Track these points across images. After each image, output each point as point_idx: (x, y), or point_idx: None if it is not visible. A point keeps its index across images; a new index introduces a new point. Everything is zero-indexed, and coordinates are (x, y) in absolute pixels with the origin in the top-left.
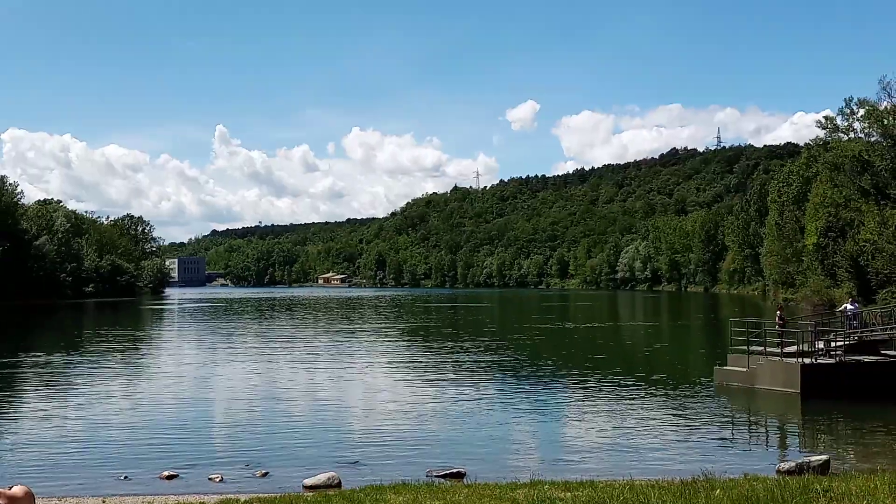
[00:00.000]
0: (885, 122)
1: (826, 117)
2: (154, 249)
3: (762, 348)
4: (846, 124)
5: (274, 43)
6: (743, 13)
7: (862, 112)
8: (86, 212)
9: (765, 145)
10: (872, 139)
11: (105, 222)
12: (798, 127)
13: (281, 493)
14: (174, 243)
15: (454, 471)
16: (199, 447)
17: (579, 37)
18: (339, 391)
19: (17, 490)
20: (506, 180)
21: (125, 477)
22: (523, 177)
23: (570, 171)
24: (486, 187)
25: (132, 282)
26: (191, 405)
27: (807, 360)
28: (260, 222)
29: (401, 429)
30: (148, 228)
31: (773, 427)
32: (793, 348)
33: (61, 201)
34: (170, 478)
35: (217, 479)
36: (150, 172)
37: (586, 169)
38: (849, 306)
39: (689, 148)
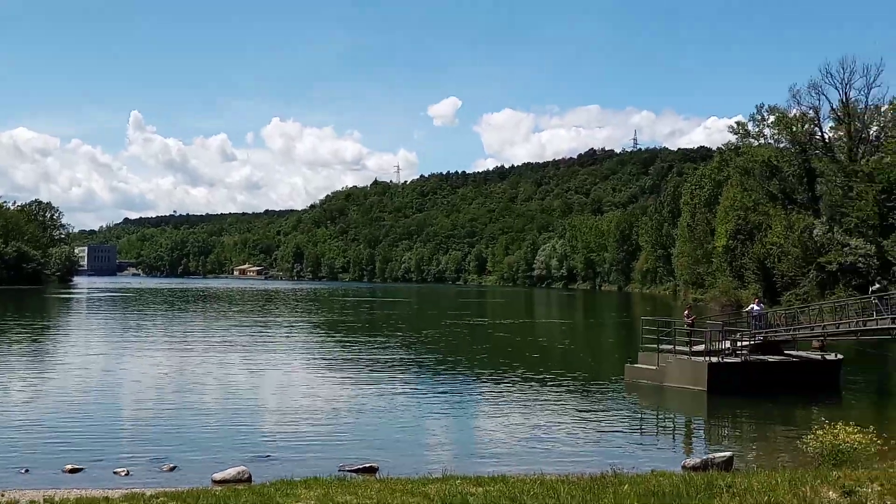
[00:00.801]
0: (794, 128)
1: (738, 123)
2: (63, 236)
3: (671, 347)
4: (757, 130)
5: (194, 29)
6: (660, 19)
7: (772, 119)
8: None
9: (679, 148)
10: (781, 145)
11: (11, 207)
12: (711, 131)
13: (189, 487)
14: (84, 231)
15: (367, 465)
16: (105, 441)
17: (502, 35)
18: (252, 385)
19: None
20: (426, 176)
21: (25, 470)
22: (443, 173)
23: (490, 169)
24: (406, 182)
25: (39, 269)
26: (96, 398)
27: (714, 359)
28: (174, 211)
29: (314, 423)
30: (57, 215)
31: (680, 424)
32: (701, 347)
33: None
34: (73, 471)
35: (123, 474)
36: (61, 157)
37: (506, 167)
38: (755, 307)
39: (606, 149)
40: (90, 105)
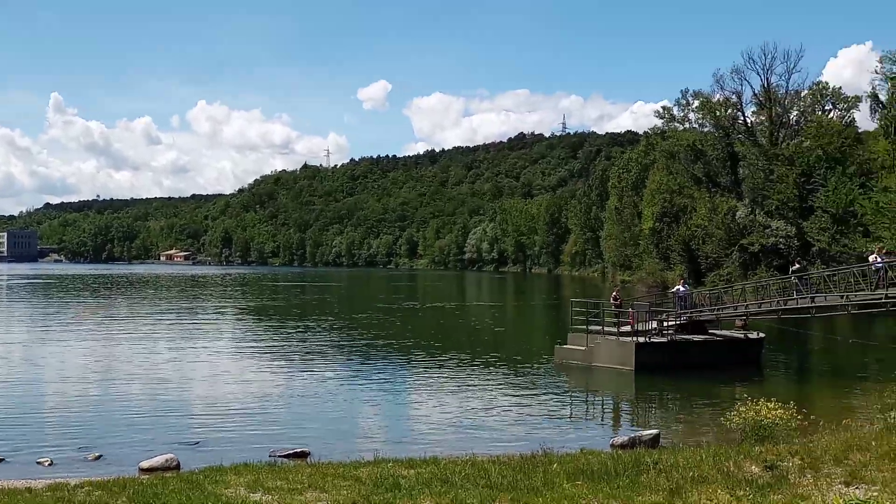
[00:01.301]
0: (718, 113)
1: (663, 107)
2: None
3: (600, 328)
4: (682, 115)
5: (115, 7)
6: (588, 4)
7: (696, 103)
8: None
9: (607, 132)
10: (706, 129)
11: None
12: (638, 116)
13: (115, 476)
14: (3, 216)
15: (298, 450)
16: (27, 429)
17: (432, 19)
18: (180, 371)
19: None
20: (357, 159)
21: None
22: (374, 156)
23: (421, 153)
24: (336, 166)
25: None
26: (18, 387)
27: (641, 339)
28: (98, 196)
29: (244, 409)
30: None
31: (609, 403)
32: (628, 327)
33: None
34: None
35: (46, 463)
36: None
37: (437, 150)
38: (680, 288)
39: (535, 133)
40: (7, 87)
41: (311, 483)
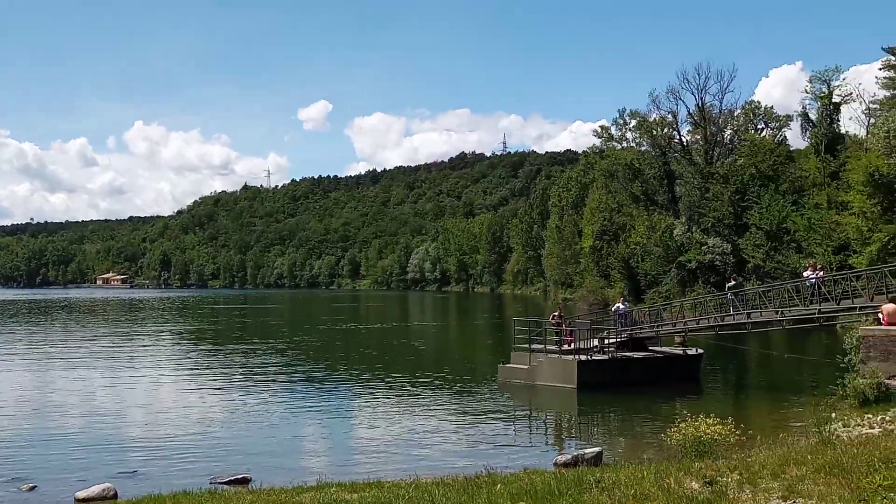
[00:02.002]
0: (654, 132)
1: (602, 127)
2: None
3: (542, 346)
4: (620, 134)
5: (49, 26)
6: (526, 25)
7: (633, 123)
8: None
9: (546, 152)
10: (643, 148)
11: None
12: (577, 135)
13: None
14: None
15: (238, 477)
16: None
17: (372, 39)
18: (117, 399)
19: None
20: (298, 180)
21: None
22: (315, 177)
23: (363, 173)
24: (277, 187)
25: None
26: None
27: (582, 357)
28: (31, 219)
29: (183, 436)
30: None
31: (552, 421)
32: (571, 346)
33: None
34: None
35: None
36: None
37: (378, 170)
38: (620, 306)
39: (476, 152)
40: None
41: None
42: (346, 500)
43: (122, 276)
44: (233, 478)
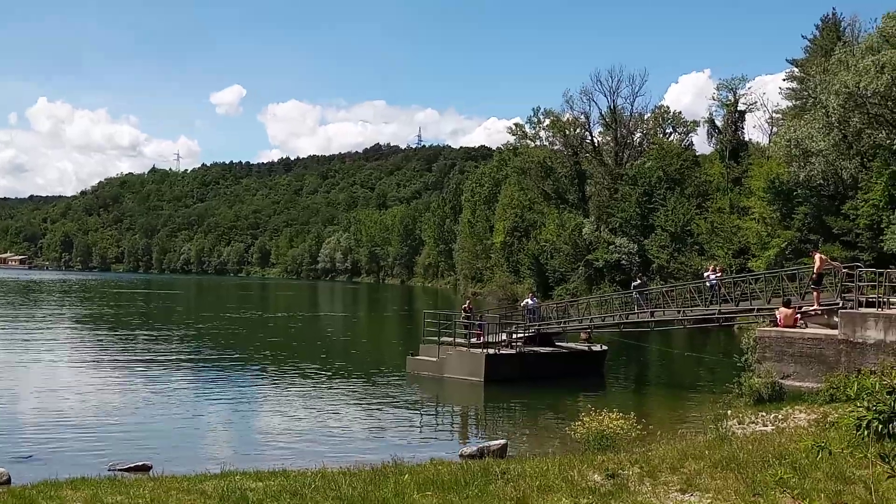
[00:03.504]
0: (567, 132)
1: (516, 124)
2: None
3: (451, 339)
4: (533, 132)
5: None
6: (443, 19)
7: (547, 122)
8: None
9: (461, 146)
10: (556, 147)
11: None
12: (491, 132)
13: None
14: None
15: (139, 464)
16: None
17: (289, 25)
18: (11, 383)
19: None
20: (208, 165)
21: None
22: (227, 162)
23: (276, 160)
24: (186, 171)
25: None
26: None
27: (490, 351)
28: None
29: (82, 422)
30: None
31: (458, 413)
32: (480, 339)
33: None
34: None
35: None
36: None
37: (291, 158)
38: (529, 301)
39: (391, 144)
40: None
41: (153, 497)
42: (251, 489)
43: (21, 257)
44: (133, 465)
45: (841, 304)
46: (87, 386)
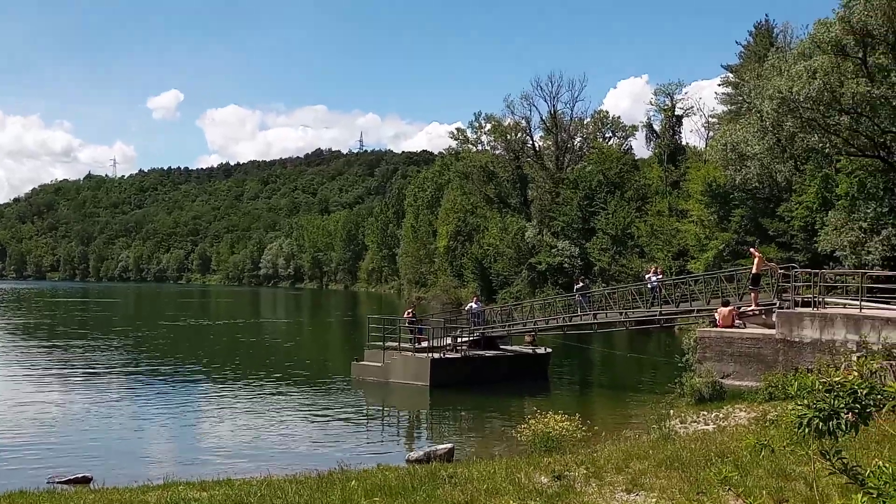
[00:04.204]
0: (508, 136)
1: (458, 129)
2: None
3: (396, 344)
4: (475, 137)
5: None
6: (383, 24)
7: (489, 126)
8: None
9: (403, 151)
10: (497, 152)
11: None
12: (433, 136)
13: None
14: None
15: (79, 476)
16: None
17: (228, 30)
18: None
19: None
20: (146, 170)
21: None
22: (165, 168)
23: (215, 166)
24: (123, 177)
25: None
26: None
27: (435, 355)
28: None
29: (18, 435)
30: None
31: (405, 418)
32: (424, 344)
33: None
34: None
35: None
36: None
37: (231, 164)
38: (473, 305)
39: (333, 149)
40: None
41: None
42: (195, 499)
43: None
44: (73, 477)
45: (778, 304)
46: (24, 398)
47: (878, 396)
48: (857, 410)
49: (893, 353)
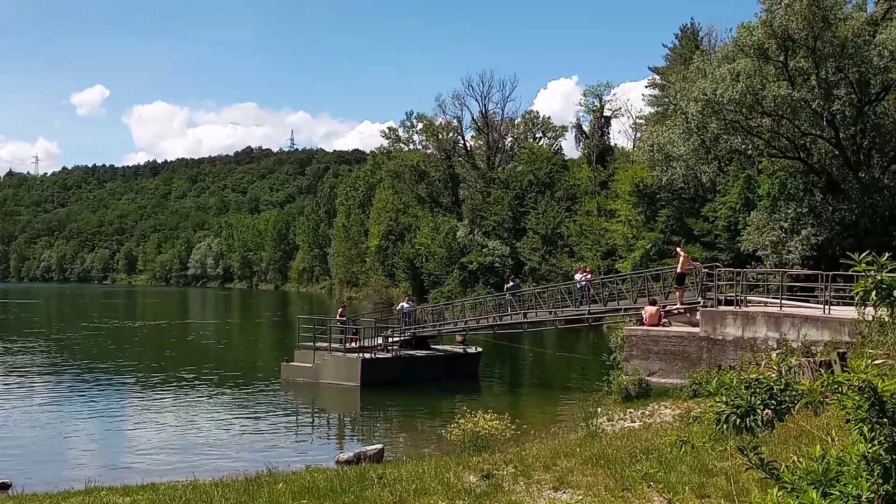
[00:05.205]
0: (440, 136)
1: (389, 128)
2: None
3: (327, 344)
4: (407, 136)
5: None
6: (313, 22)
7: (420, 126)
8: None
9: (335, 150)
10: (429, 151)
11: None
12: (365, 135)
13: None
14: None
15: None
16: None
17: (155, 23)
18: None
19: None
20: (69, 168)
21: None
22: (89, 165)
23: (142, 163)
24: (46, 174)
25: None
26: None
27: (366, 355)
28: None
29: None
30: None
31: (335, 419)
32: (355, 344)
33: None
34: None
35: None
36: None
37: (159, 161)
38: (405, 305)
39: (263, 147)
40: None
41: None
42: None
43: None
44: None
45: (702, 303)
46: None
47: (794, 393)
48: (773, 407)
49: (811, 351)
